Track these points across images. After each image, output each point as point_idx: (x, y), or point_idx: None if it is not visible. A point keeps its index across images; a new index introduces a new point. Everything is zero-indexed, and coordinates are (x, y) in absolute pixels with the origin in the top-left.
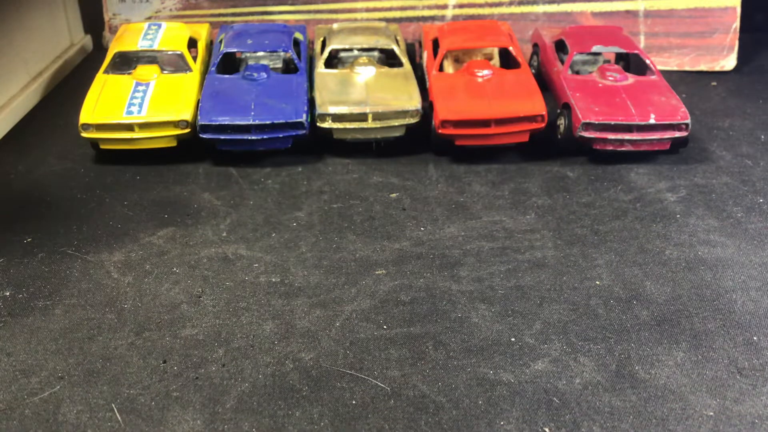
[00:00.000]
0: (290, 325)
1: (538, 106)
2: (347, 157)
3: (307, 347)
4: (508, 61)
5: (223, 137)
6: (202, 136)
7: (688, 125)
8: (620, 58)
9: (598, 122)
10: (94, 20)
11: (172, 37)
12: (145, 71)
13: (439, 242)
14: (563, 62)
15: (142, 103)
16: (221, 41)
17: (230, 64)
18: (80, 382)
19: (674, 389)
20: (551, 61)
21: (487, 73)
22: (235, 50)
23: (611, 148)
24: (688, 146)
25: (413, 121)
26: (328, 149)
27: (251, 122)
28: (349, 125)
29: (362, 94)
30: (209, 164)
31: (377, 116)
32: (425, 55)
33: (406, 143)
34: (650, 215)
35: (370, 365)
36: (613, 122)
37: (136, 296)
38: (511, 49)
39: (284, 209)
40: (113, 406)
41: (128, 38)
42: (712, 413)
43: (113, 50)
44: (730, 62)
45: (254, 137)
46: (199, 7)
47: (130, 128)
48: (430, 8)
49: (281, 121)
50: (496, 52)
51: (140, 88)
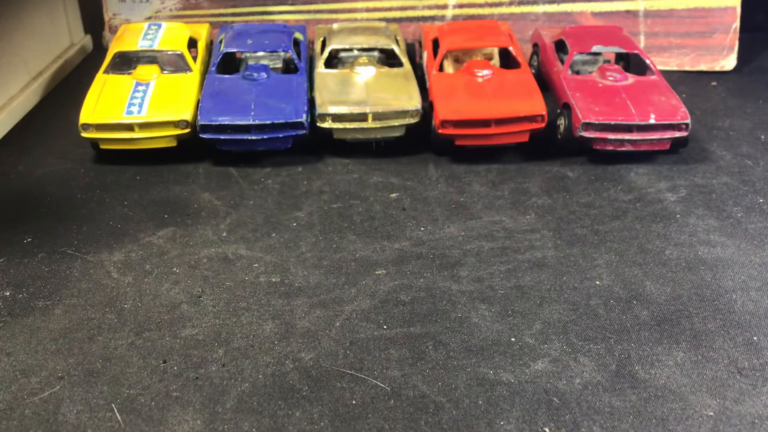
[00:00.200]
0: (290, 325)
1: (538, 106)
2: (347, 157)
3: (307, 347)
4: (508, 61)
5: (223, 137)
6: (202, 136)
7: (688, 125)
8: (620, 58)
9: (598, 122)
10: (94, 20)
11: (172, 37)
12: (145, 71)
13: (439, 242)
14: (563, 62)
15: (142, 103)
16: (221, 41)
17: (230, 64)
18: (80, 382)
19: (674, 389)
20: (551, 61)
21: (487, 73)
22: (235, 50)
23: (611, 148)
24: (688, 146)
25: (413, 121)
26: (328, 149)
27: (251, 122)
28: (349, 125)
29: (362, 94)
30: (209, 164)
31: (377, 116)
32: (425, 55)
33: (406, 143)
34: (650, 215)
35: (370, 365)
36: (613, 122)
37: (136, 296)
38: (511, 49)
39: (284, 209)
40: (113, 406)
41: (128, 38)
42: (712, 413)
43: (113, 50)
44: (730, 62)
45: (254, 137)
46: (199, 7)
47: (130, 128)
48: (430, 8)
49: (281, 121)
50: (496, 52)
51: (140, 88)
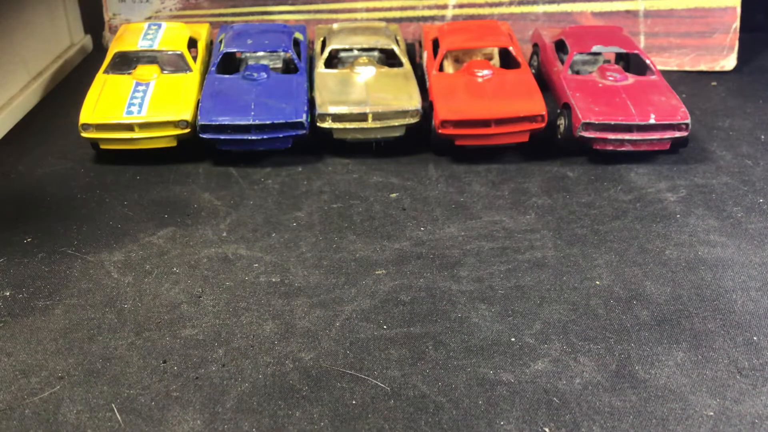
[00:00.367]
0: (290, 325)
1: (538, 106)
2: (347, 157)
3: (307, 347)
4: (508, 61)
5: (223, 137)
6: (202, 136)
7: (688, 125)
8: (620, 58)
9: (598, 122)
10: (94, 20)
11: (172, 37)
12: (145, 71)
13: (439, 242)
14: (563, 62)
15: (142, 103)
16: (221, 41)
17: (230, 64)
18: (80, 382)
19: (674, 389)
20: (551, 61)
21: (487, 73)
22: (235, 50)
23: (611, 148)
24: (688, 146)
25: (413, 121)
26: (328, 149)
27: (251, 122)
28: (349, 125)
29: (362, 94)
30: (209, 164)
31: (377, 116)
32: (425, 55)
33: (406, 143)
34: (650, 215)
35: (370, 365)
36: (613, 122)
37: (136, 296)
38: (511, 49)
39: (284, 209)
40: (113, 406)
41: (128, 38)
42: (712, 413)
43: (113, 50)
44: (730, 62)
45: (254, 137)
46: (199, 7)
47: (130, 128)
48: (430, 8)
49: (281, 121)
50: (496, 52)
51: (140, 88)
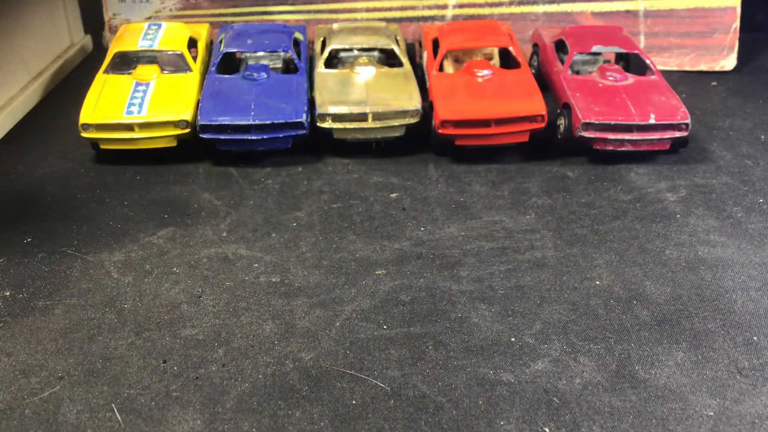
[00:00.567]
0: (290, 325)
1: (538, 106)
2: (347, 157)
3: (307, 347)
4: (508, 61)
5: (223, 137)
6: (202, 136)
7: (688, 125)
8: (620, 58)
9: (598, 122)
10: (94, 20)
11: (172, 37)
12: (145, 71)
13: (439, 242)
14: (563, 62)
15: (142, 103)
16: (221, 41)
17: (230, 64)
18: (80, 382)
19: (674, 389)
20: (551, 61)
21: (487, 73)
22: (235, 50)
23: (611, 148)
24: (688, 146)
25: (413, 121)
26: (328, 149)
27: (251, 122)
28: (349, 125)
29: (362, 94)
30: (209, 164)
31: (377, 116)
32: (425, 55)
33: (406, 143)
34: (650, 215)
35: (370, 365)
36: (613, 122)
37: (136, 296)
38: (511, 49)
39: (284, 209)
40: (113, 406)
41: (128, 38)
42: (712, 413)
43: (113, 50)
44: (730, 62)
45: (254, 137)
46: (199, 7)
47: (130, 128)
48: (430, 8)
49: (281, 121)
50: (496, 52)
51: (140, 88)
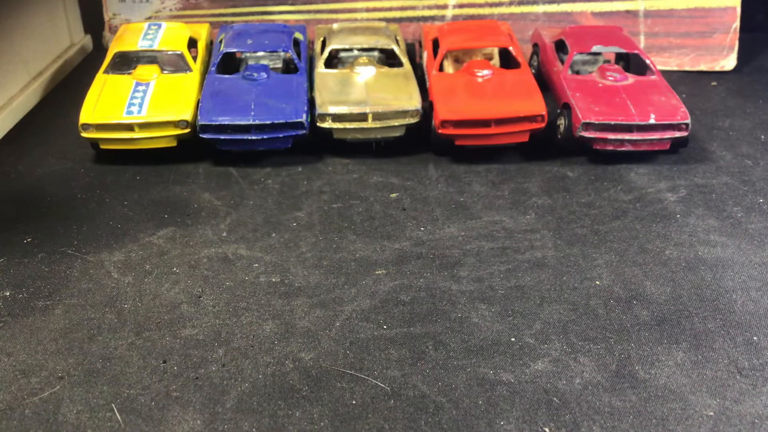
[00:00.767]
0: (290, 325)
1: (538, 106)
2: (347, 157)
3: (307, 347)
4: (508, 61)
5: (223, 137)
6: (202, 136)
7: (688, 125)
8: (620, 58)
9: (598, 122)
10: (94, 20)
11: (172, 37)
12: (145, 71)
13: (439, 242)
14: (563, 62)
15: (142, 103)
16: (221, 41)
17: (230, 64)
18: (80, 382)
19: (674, 389)
20: (551, 61)
21: (487, 73)
22: (235, 50)
23: (611, 148)
24: (688, 146)
25: (413, 121)
26: (328, 149)
27: (251, 122)
28: (349, 125)
29: (362, 94)
30: (209, 164)
31: (377, 116)
32: (425, 55)
33: (406, 143)
34: (650, 215)
35: (370, 365)
36: (613, 122)
37: (136, 296)
38: (511, 49)
39: (284, 209)
40: (113, 406)
41: (128, 38)
42: (712, 413)
43: (113, 50)
44: (730, 62)
45: (254, 137)
46: (199, 7)
47: (130, 128)
48: (430, 8)
49: (281, 121)
50: (496, 52)
51: (140, 88)
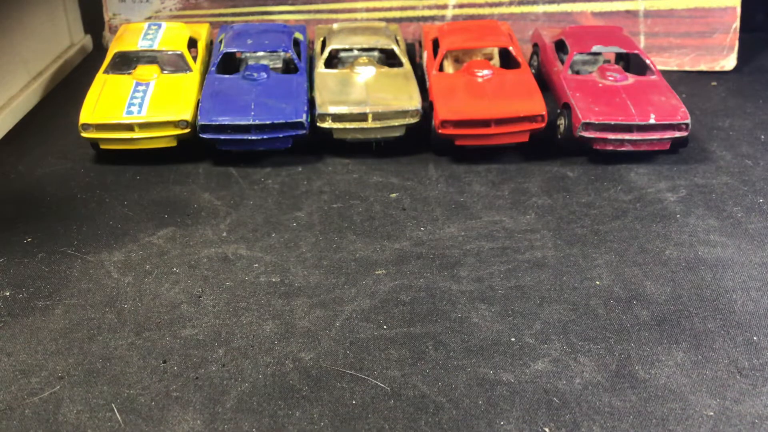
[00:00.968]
0: (290, 325)
1: (538, 106)
2: (347, 157)
3: (307, 347)
4: (508, 61)
5: (223, 137)
6: (202, 136)
7: (688, 125)
8: (620, 58)
9: (598, 122)
10: (94, 20)
11: (172, 37)
12: (145, 71)
13: (439, 242)
14: (563, 62)
15: (142, 103)
16: (221, 41)
17: (230, 64)
18: (80, 382)
19: (674, 389)
20: (551, 61)
21: (487, 73)
22: (235, 50)
23: (611, 148)
24: (688, 146)
25: (413, 121)
26: (328, 149)
27: (251, 122)
28: (349, 125)
29: (362, 94)
30: (209, 164)
31: (377, 116)
32: (425, 55)
33: (406, 143)
34: (650, 215)
35: (370, 365)
36: (613, 122)
37: (136, 296)
38: (511, 49)
39: (284, 209)
40: (113, 406)
41: (128, 38)
42: (712, 413)
43: (113, 50)
44: (730, 62)
45: (254, 137)
46: (199, 7)
47: (130, 128)
48: (430, 8)
49: (281, 121)
50: (496, 52)
51: (140, 88)
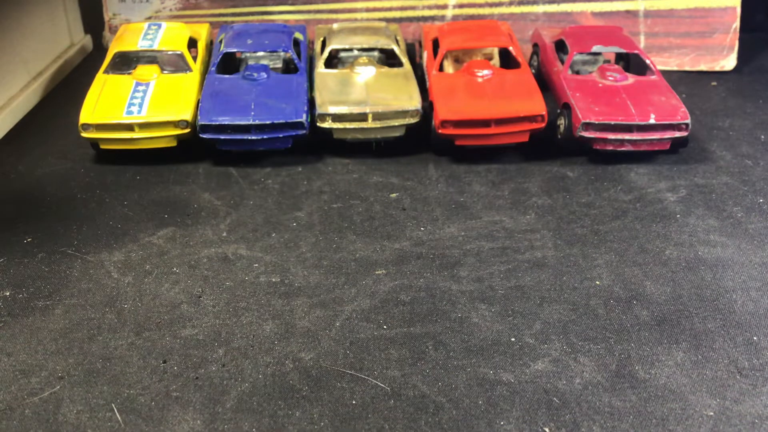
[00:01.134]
0: (290, 325)
1: (538, 106)
2: (347, 157)
3: (307, 347)
4: (508, 61)
5: (223, 137)
6: (202, 136)
7: (688, 125)
8: (620, 58)
9: (598, 122)
10: (94, 20)
11: (172, 37)
12: (145, 71)
13: (439, 242)
14: (563, 62)
15: (142, 103)
16: (221, 41)
17: (230, 64)
18: (80, 382)
19: (674, 389)
20: (551, 61)
21: (487, 73)
22: (235, 50)
23: (611, 148)
24: (688, 146)
25: (413, 121)
26: (328, 149)
27: (251, 122)
28: (349, 125)
29: (362, 94)
30: (209, 164)
31: (377, 116)
32: (425, 55)
33: (406, 143)
34: (650, 215)
35: (370, 365)
36: (613, 122)
37: (136, 296)
38: (511, 49)
39: (284, 209)
40: (113, 406)
41: (128, 38)
42: (712, 413)
43: (113, 50)
44: (730, 62)
45: (254, 137)
46: (199, 7)
47: (130, 128)
48: (430, 8)
49: (281, 121)
50: (496, 52)
51: (140, 88)
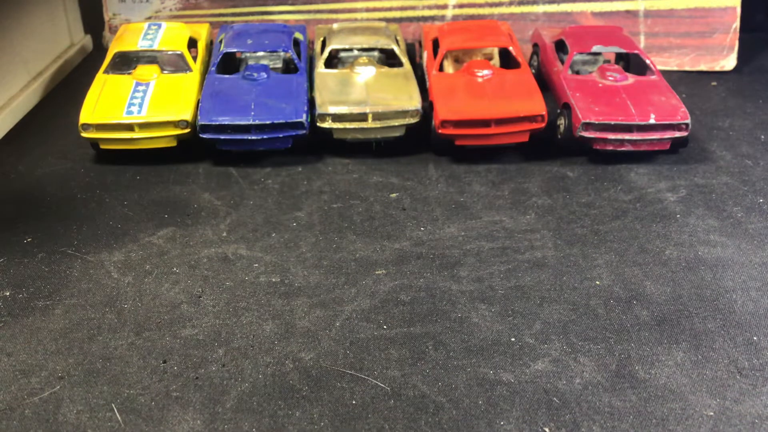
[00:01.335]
0: (290, 325)
1: (538, 106)
2: (347, 157)
3: (307, 347)
4: (508, 61)
5: (223, 137)
6: (202, 136)
7: (688, 125)
8: (620, 58)
9: (598, 122)
10: (94, 20)
11: (172, 37)
12: (145, 71)
13: (439, 242)
14: (563, 62)
15: (142, 103)
16: (221, 41)
17: (230, 64)
18: (80, 382)
19: (674, 389)
20: (551, 61)
21: (487, 73)
22: (235, 50)
23: (611, 148)
24: (688, 146)
25: (413, 121)
26: (328, 149)
27: (251, 122)
28: (349, 125)
29: (362, 94)
30: (209, 164)
31: (377, 116)
32: (425, 55)
33: (406, 143)
34: (650, 215)
35: (370, 365)
36: (613, 122)
37: (136, 296)
38: (511, 49)
39: (284, 209)
40: (113, 406)
41: (128, 38)
42: (712, 413)
43: (113, 50)
44: (730, 62)
45: (254, 137)
46: (199, 7)
47: (130, 128)
48: (430, 8)
49: (281, 121)
50: (496, 52)
51: (140, 88)
